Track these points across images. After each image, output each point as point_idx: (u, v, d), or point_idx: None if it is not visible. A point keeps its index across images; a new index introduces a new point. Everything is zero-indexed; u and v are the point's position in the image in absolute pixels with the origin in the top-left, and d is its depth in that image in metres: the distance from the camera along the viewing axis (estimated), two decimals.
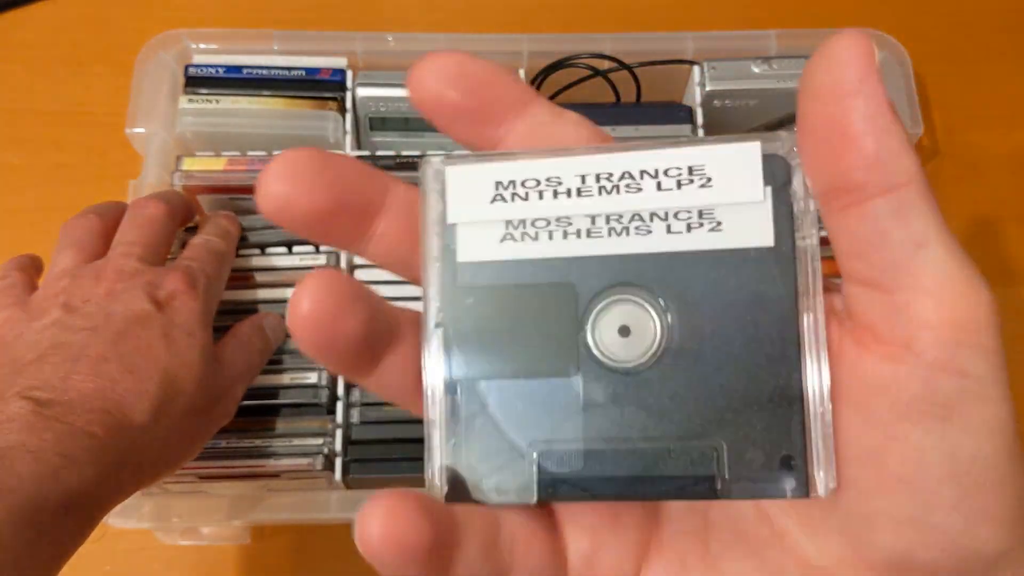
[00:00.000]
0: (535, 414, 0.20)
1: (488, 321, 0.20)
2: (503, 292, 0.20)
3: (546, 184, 0.20)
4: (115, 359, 0.37)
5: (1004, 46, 0.63)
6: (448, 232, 0.21)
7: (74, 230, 0.43)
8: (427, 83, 0.20)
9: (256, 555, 0.50)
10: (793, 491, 0.19)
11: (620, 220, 0.20)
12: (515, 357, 0.20)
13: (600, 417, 0.20)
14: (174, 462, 0.40)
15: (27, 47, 0.62)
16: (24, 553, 0.31)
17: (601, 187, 0.20)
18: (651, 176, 0.20)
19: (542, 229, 0.20)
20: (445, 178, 0.20)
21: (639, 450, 0.20)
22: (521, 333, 0.20)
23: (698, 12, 0.64)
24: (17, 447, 0.33)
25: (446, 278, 0.20)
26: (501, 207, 0.20)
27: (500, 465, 0.20)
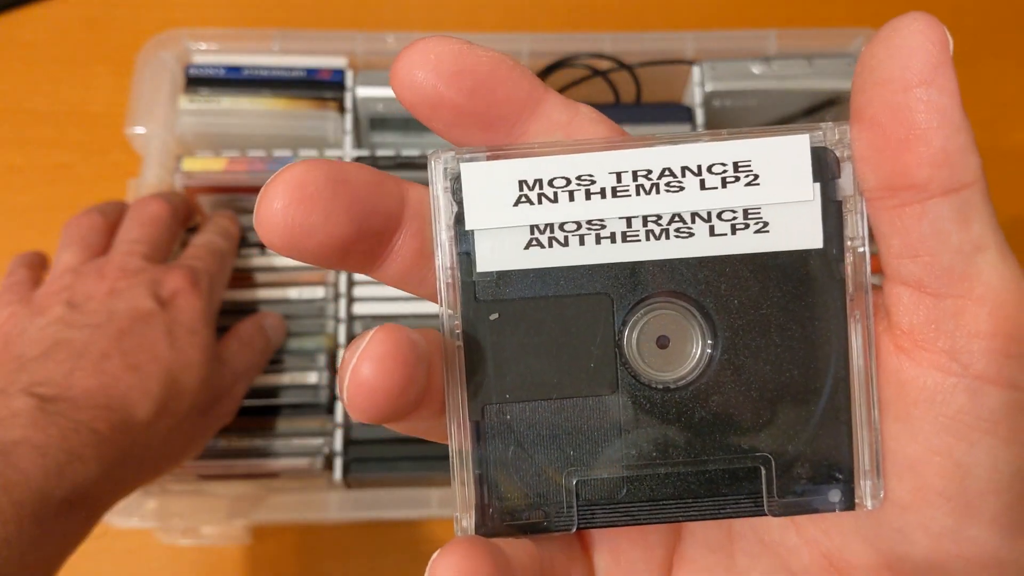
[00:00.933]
0: (570, 439, 0.19)
1: (514, 338, 0.19)
2: (530, 305, 0.19)
3: (577, 183, 0.18)
4: (118, 356, 0.37)
5: (1004, 46, 0.63)
6: (465, 239, 0.18)
7: (77, 228, 0.43)
8: (419, 79, 0.17)
9: (256, 555, 0.50)
10: (841, 504, 0.19)
11: (659, 222, 0.18)
12: (546, 377, 0.19)
13: (640, 439, 0.19)
14: (176, 459, 0.40)
15: (27, 47, 0.62)
16: (28, 548, 0.31)
17: (639, 186, 0.18)
18: (694, 173, 0.18)
19: (572, 234, 0.18)
20: (460, 177, 0.18)
21: (682, 473, 0.19)
22: (552, 350, 0.19)
23: (698, 12, 0.64)
24: (22, 443, 0.33)
25: (465, 291, 0.19)
26: (526, 210, 0.18)
27: (535, 495, 0.19)
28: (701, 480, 0.19)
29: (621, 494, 0.19)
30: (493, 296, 0.19)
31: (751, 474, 0.19)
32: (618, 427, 0.19)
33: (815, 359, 0.19)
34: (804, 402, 0.19)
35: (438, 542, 0.50)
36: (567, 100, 0.19)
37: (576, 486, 0.19)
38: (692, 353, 0.19)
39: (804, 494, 0.19)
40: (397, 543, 0.50)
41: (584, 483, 0.19)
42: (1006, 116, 0.61)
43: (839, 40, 0.55)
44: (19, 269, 0.42)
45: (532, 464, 0.19)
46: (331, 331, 0.48)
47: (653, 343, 0.19)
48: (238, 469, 0.45)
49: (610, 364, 0.19)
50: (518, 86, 0.18)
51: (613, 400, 0.19)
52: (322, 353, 0.47)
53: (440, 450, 0.46)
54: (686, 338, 0.19)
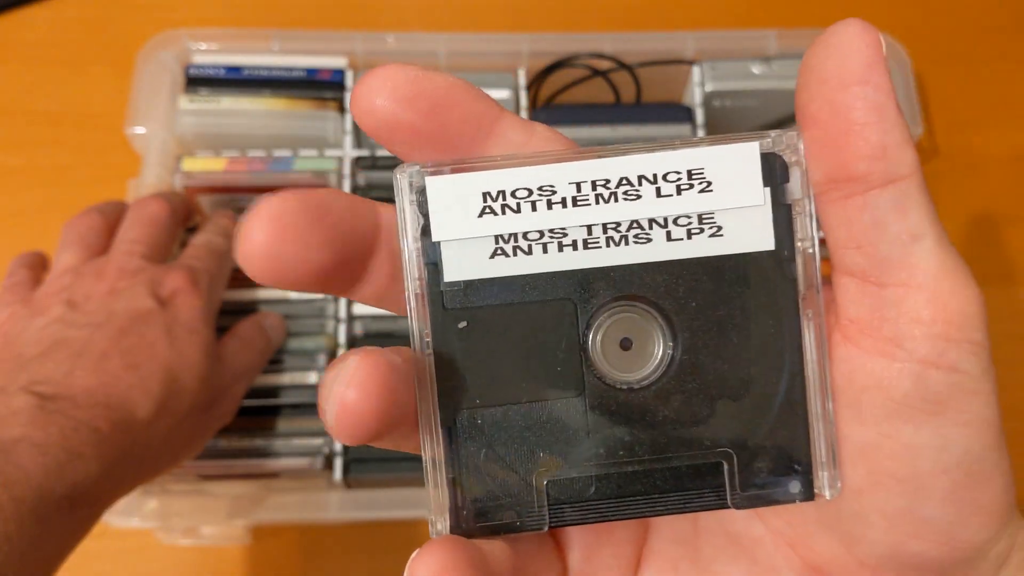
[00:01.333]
0: (540, 440, 0.19)
1: (483, 345, 0.19)
2: (497, 313, 0.19)
3: (539, 194, 0.19)
4: (118, 355, 0.37)
5: (1004, 46, 0.63)
6: (432, 250, 0.19)
7: (77, 228, 0.43)
8: (377, 103, 0.18)
9: (256, 555, 0.50)
10: (801, 495, 0.20)
11: (618, 229, 0.19)
12: (514, 382, 0.19)
13: (607, 438, 0.20)
14: (176, 458, 0.40)
15: (27, 47, 0.62)
16: (28, 546, 0.31)
17: (598, 195, 0.19)
18: (650, 182, 0.19)
19: (536, 242, 0.19)
20: (426, 190, 0.19)
21: (648, 470, 0.20)
22: (519, 356, 0.19)
23: (698, 12, 0.64)
24: (22, 440, 0.33)
25: (433, 301, 0.19)
26: (490, 221, 0.19)
27: (507, 496, 0.20)
28: (666, 476, 0.20)
29: (590, 492, 0.20)
30: (461, 305, 0.19)
31: (714, 469, 0.20)
32: (585, 427, 0.20)
33: (771, 356, 0.20)
34: (762, 398, 0.20)
35: None
36: (523, 120, 0.19)
37: (547, 486, 0.19)
38: (654, 354, 0.20)
39: (765, 486, 0.20)
40: (397, 543, 0.50)
41: (554, 483, 0.20)
42: (1006, 116, 0.61)
43: None
44: (19, 270, 0.42)
45: (503, 466, 0.20)
46: (331, 331, 0.48)
47: (617, 345, 0.20)
48: (238, 469, 0.45)
49: (576, 367, 0.20)
50: (473, 107, 0.18)
51: (580, 402, 0.20)
52: (322, 353, 0.47)
53: None
54: (648, 339, 0.20)
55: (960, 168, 0.60)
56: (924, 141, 0.60)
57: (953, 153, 0.60)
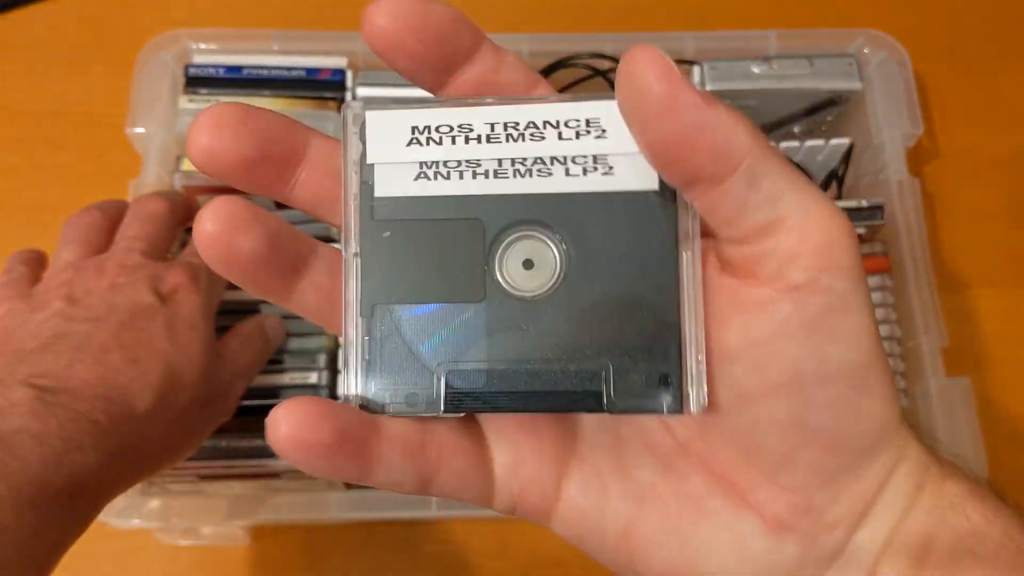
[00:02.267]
0: (444, 336, 0.22)
1: (402, 252, 0.23)
2: (417, 225, 0.23)
3: (458, 130, 0.22)
4: (117, 349, 0.37)
5: (1004, 46, 0.63)
6: (367, 171, 0.23)
7: (77, 225, 0.43)
8: (386, 26, 0.21)
9: (256, 555, 0.50)
10: (669, 407, 0.22)
11: (524, 163, 0.22)
12: (427, 285, 0.23)
13: (503, 340, 0.22)
14: (174, 454, 0.40)
15: (27, 47, 0.62)
16: (27, 537, 0.31)
17: (508, 135, 0.22)
18: (553, 127, 0.22)
19: (453, 169, 0.22)
20: (365, 122, 0.23)
21: (536, 370, 0.22)
22: (433, 263, 0.23)
23: (698, 12, 0.64)
24: (21, 432, 0.33)
25: (364, 212, 0.23)
26: (416, 150, 0.22)
27: (411, 381, 0.22)
28: (552, 378, 0.22)
29: (482, 385, 0.22)
30: (387, 217, 0.23)
31: (594, 376, 0.22)
32: (485, 330, 0.22)
33: (651, 282, 0.22)
34: (641, 319, 0.22)
35: (438, 542, 0.50)
36: (497, 48, 0.23)
37: (446, 376, 0.22)
38: (549, 271, 0.23)
39: (639, 396, 0.22)
40: (397, 543, 0.50)
41: (453, 374, 0.22)
42: (1006, 116, 0.61)
43: (839, 40, 0.55)
44: (17, 266, 0.42)
45: (410, 357, 0.22)
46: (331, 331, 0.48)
47: (518, 262, 0.23)
48: (238, 469, 0.45)
49: (480, 276, 0.23)
50: (464, 37, 0.22)
51: (482, 307, 0.22)
52: (322, 353, 0.47)
53: None
54: (544, 258, 0.23)
55: (960, 168, 0.60)
56: (924, 141, 0.60)
57: (953, 153, 0.60)
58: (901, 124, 0.52)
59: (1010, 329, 0.55)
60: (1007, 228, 0.58)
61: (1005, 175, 0.60)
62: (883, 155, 0.52)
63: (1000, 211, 0.59)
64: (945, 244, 0.57)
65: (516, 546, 0.50)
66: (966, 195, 0.59)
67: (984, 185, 0.59)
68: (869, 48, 0.54)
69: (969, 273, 0.56)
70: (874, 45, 0.54)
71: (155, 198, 0.44)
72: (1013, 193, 0.59)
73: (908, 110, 0.53)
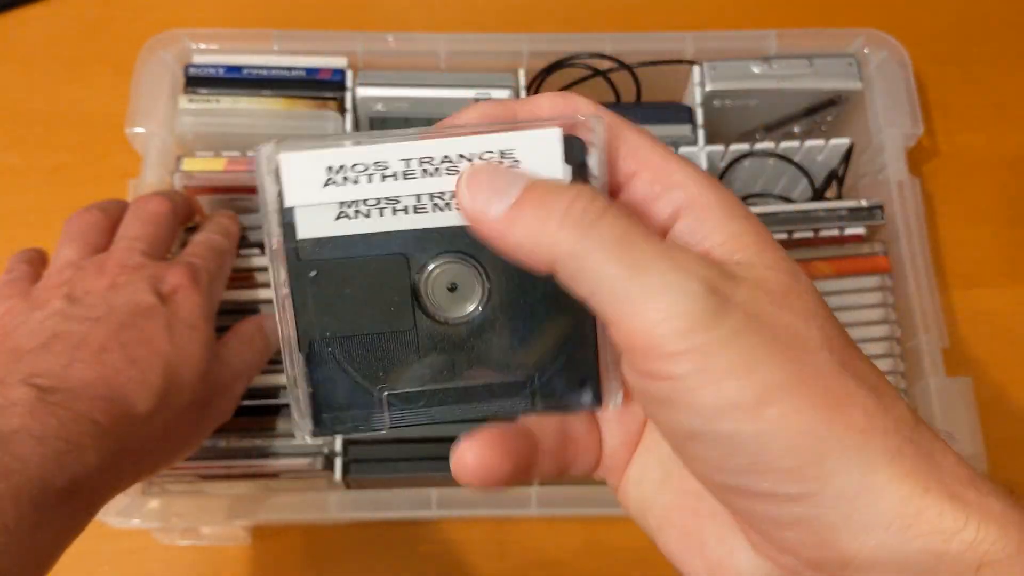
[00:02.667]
0: (381, 363, 0.24)
1: (332, 289, 0.23)
2: (343, 264, 0.23)
3: (374, 168, 0.23)
4: (117, 349, 0.37)
5: (1004, 46, 0.63)
6: (287, 213, 0.23)
7: (77, 224, 0.43)
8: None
9: (256, 555, 0.50)
10: (591, 404, 0.24)
11: (443, 197, 0.23)
12: (359, 317, 0.24)
13: (436, 362, 0.24)
14: (173, 454, 0.40)
15: (27, 47, 0.62)
16: (26, 536, 0.31)
17: (424, 170, 0.23)
18: (467, 159, 0.23)
19: (373, 207, 0.23)
20: (279, 164, 0.23)
21: (470, 386, 0.24)
22: (362, 298, 0.23)
23: (698, 12, 0.64)
24: (21, 431, 0.33)
25: (290, 254, 0.23)
26: (334, 190, 0.23)
27: (355, 404, 0.24)
28: (482, 390, 0.24)
29: (422, 403, 0.24)
30: (312, 257, 0.23)
31: (520, 386, 0.24)
32: (418, 352, 0.24)
33: (565, 299, 0.22)
34: (560, 331, 0.24)
35: (438, 542, 0.50)
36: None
37: (387, 398, 0.24)
38: (472, 297, 0.24)
39: (562, 397, 0.24)
40: (397, 543, 0.50)
41: (393, 395, 0.24)
42: (1006, 116, 0.61)
43: (839, 40, 0.55)
44: (18, 265, 0.42)
45: (352, 382, 0.24)
46: None
47: (444, 288, 0.24)
48: (238, 469, 0.45)
49: (408, 306, 0.24)
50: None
51: (412, 333, 0.24)
52: None
53: (440, 451, 0.46)
54: (468, 284, 0.24)
55: (960, 168, 0.60)
56: (924, 141, 0.60)
57: (953, 153, 0.60)
58: (901, 124, 0.52)
59: (1010, 329, 0.55)
60: (1007, 228, 0.58)
61: (1005, 175, 0.60)
62: (883, 155, 0.52)
63: (1000, 211, 0.59)
64: (945, 244, 0.57)
65: (516, 546, 0.50)
66: (966, 195, 0.59)
67: (984, 185, 0.59)
68: (869, 48, 0.54)
69: (969, 273, 0.56)
70: (874, 45, 0.54)
71: (156, 198, 0.44)
72: (1013, 193, 0.59)
73: (908, 110, 0.53)
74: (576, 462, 0.26)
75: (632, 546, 0.49)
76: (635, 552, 0.49)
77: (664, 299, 0.20)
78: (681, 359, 0.20)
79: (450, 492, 0.45)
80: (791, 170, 0.53)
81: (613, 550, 0.50)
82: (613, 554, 0.50)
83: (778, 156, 0.53)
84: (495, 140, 0.23)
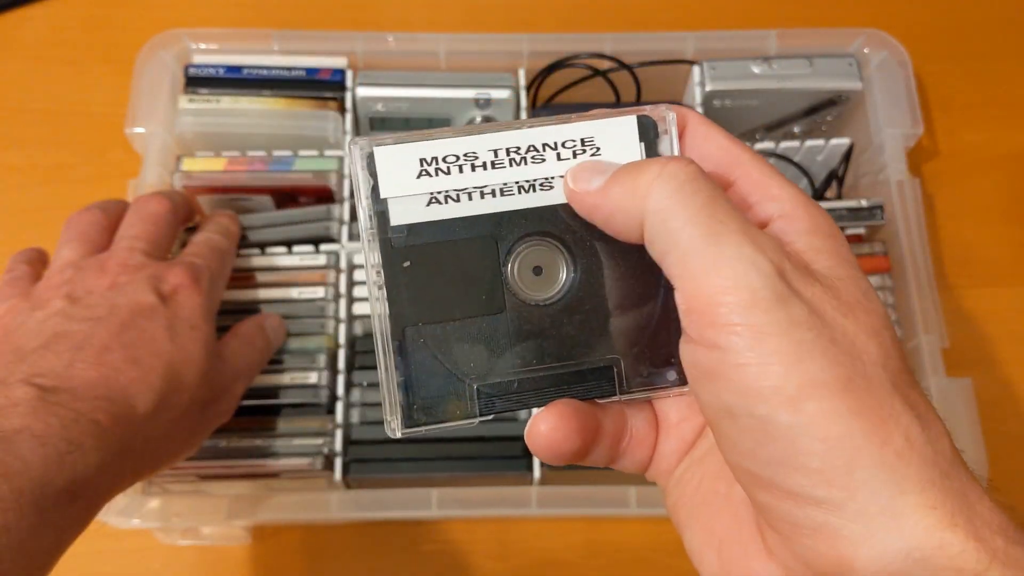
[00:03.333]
0: (472, 351, 0.24)
1: (423, 276, 0.24)
2: (434, 249, 0.24)
3: (464, 159, 0.24)
4: (119, 349, 0.37)
5: (1004, 46, 0.63)
6: (380, 204, 0.24)
7: (78, 224, 0.43)
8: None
9: (256, 555, 0.50)
10: (677, 382, 0.25)
11: (528, 183, 0.24)
12: (450, 304, 0.24)
13: (524, 345, 0.24)
14: (174, 454, 0.40)
15: (27, 47, 0.62)
16: (28, 536, 0.31)
17: (511, 159, 0.24)
18: (552, 148, 0.24)
19: (463, 192, 0.24)
20: (373, 157, 0.24)
21: (558, 372, 0.25)
22: (453, 282, 0.24)
23: (698, 12, 0.64)
24: (23, 431, 0.33)
25: (383, 244, 0.24)
26: (427, 180, 0.24)
27: (446, 394, 0.24)
28: (570, 375, 0.25)
29: (511, 390, 0.24)
30: (405, 245, 0.24)
31: (606, 370, 0.25)
32: (507, 338, 0.24)
33: (648, 280, 0.24)
34: (644, 311, 0.25)
35: (438, 542, 0.50)
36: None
37: (477, 387, 0.24)
38: (559, 277, 0.25)
39: (649, 376, 0.25)
40: (397, 543, 0.50)
41: (484, 382, 0.24)
42: (1006, 115, 0.61)
43: (839, 40, 0.55)
44: (19, 265, 0.42)
45: (444, 371, 0.24)
46: (331, 331, 0.48)
47: (530, 271, 0.25)
48: (238, 469, 0.45)
49: (498, 288, 0.24)
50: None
51: (502, 318, 0.24)
52: (322, 353, 0.47)
53: (439, 451, 0.46)
54: (554, 266, 0.25)
55: (960, 167, 0.60)
56: (924, 141, 0.60)
57: (953, 153, 0.60)
58: (901, 124, 0.52)
59: (1010, 329, 0.55)
60: (1007, 227, 0.58)
61: (1005, 175, 0.60)
62: (883, 155, 0.52)
63: (1000, 210, 0.59)
64: (945, 244, 0.57)
65: (516, 546, 0.50)
66: (966, 194, 0.59)
67: (984, 184, 0.59)
68: (869, 48, 0.54)
69: (969, 273, 0.56)
70: (874, 45, 0.54)
71: (156, 198, 0.44)
72: (1013, 193, 0.59)
73: (908, 110, 0.53)
74: (628, 456, 0.26)
75: (632, 546, 0.49)
76: (635, 552, 0.49)
77: (733, 269, 0.20)
78: (735, 332, 0.20)
79: (450, 492, 0.45)
80: (791, 170, 0.53)
81: (613, 550, 0.50)
82: (613, 554, 0.50)
83: (778, 156, 0.53)
84: (576, 128, 0.24)
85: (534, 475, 0.46)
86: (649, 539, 0.49)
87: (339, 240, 0.49)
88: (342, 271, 0.49)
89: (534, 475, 0.46)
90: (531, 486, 0.46)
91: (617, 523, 0.50)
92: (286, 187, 0.50)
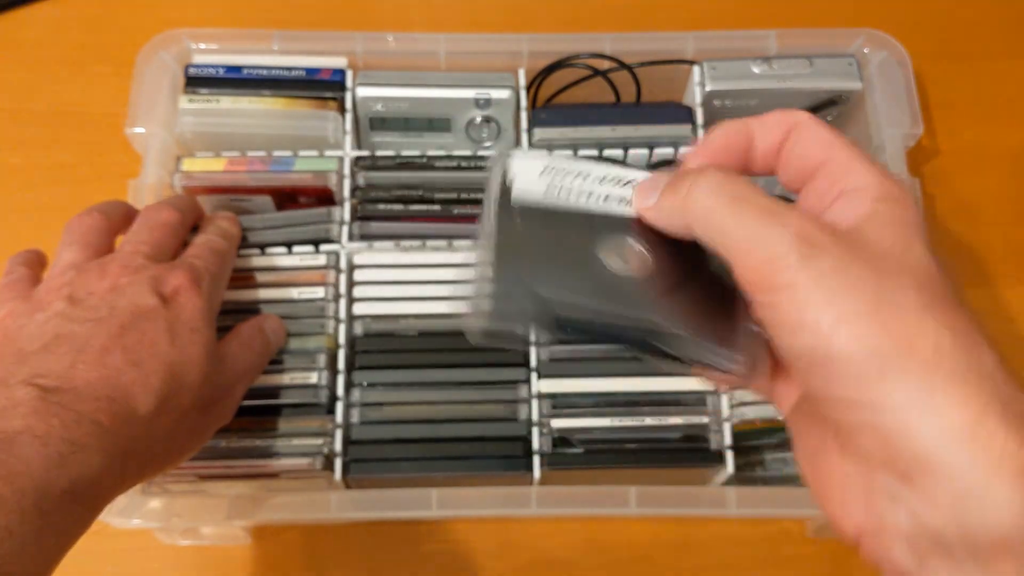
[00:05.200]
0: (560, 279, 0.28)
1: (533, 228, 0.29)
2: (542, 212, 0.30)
3: (576, 175, 0.31)
4: (119, 351, 0.37)
5: (1004, 45, 0.63)
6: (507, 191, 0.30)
7: (78, 227, 0.43)
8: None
9: (256, 555, 0.50)
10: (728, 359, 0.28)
11: (622, 200, 0.30)
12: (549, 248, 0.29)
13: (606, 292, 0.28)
14: (175, 457, 0.40)
15: (27, 47, 0.62)
16: (30, 538, 0.31)
17: (615, 184, 0.30)
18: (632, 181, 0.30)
19: (571, 192, 0.30)
20: (510, 161, 0.31)
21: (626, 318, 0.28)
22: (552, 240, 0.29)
23: (698, 12, 0.64)
24: (24, 432, 0.33)
25: (503, 204, 0.30)
26: (546, 178, 0.31)
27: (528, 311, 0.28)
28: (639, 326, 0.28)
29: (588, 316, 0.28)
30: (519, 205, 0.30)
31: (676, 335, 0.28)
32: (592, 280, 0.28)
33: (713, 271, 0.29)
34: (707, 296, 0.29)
35: (438, 542, 0.50)
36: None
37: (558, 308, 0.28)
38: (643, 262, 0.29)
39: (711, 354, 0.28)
40: (397, 543, 0.50)
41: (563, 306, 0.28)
42: (1006, 114, 0.61)
43: (839, 40, 0.55)
44: (17, 267, 0.42)
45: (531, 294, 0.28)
46: (331, 331, 0.48)
47: (620, 253, 0.29)
48: (238, 469, 0.45)
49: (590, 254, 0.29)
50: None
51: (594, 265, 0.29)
52: (322, 353, 0.47)
53: (439, 451, 0.46)
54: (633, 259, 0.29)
55: (960, 167, 0.60)
56: (924, 141, 0.60)
57: (953, 153, 0.60)
58: (901, 124, 0.52)
59: (1010, 329, 0.55)
60: (1008, 227, 0.58)
61: (1005, 175, 0.60)
62: (883, 155, 0.52)
63: (1000, 210, 0.59)
64: (945, 244, 0.57)
65: (516, 546, 0.50)
66: (966, 194, 0.59)
67: (984, 185, 0.59)
68: (869, 48, 0.54)
69: (970, 273, 0.56)
70: (874, 45, 0.54)
71: (166, 208, 0.44)
72: (1013, 193, 0.59)
73: (908, 110, 0.53)
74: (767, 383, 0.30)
75: (632, 546, 0.49)
76: (635, 552, 0.49)
77: (761, 244, 0.25)
78: (777, 292, 0.25)
79: (450, 492, 0.45)
80: None
81: (613, 550, 0.50)
82: (613, 554, 0.50)
83: None
84: (643, 174, 0.31)
85: (534, 475, 0.46)
86: (649, 538, 0.49)
87: (339, 240, 0.49)
88: (342, 271, 0.49)
89: (534, 475, 0.46)
90: (531, 486, 0.46)
91: (617, 523, 0.50)
92: (286, 187, 0.50)
